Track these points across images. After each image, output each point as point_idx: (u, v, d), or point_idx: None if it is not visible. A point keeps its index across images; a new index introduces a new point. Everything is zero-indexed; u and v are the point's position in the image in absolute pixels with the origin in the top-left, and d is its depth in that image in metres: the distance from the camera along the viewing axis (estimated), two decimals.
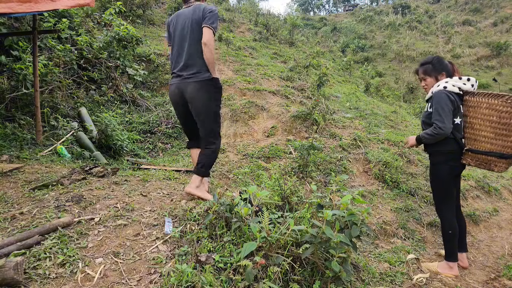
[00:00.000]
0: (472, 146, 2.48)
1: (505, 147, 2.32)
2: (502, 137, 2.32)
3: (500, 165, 2.39)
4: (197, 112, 2.63)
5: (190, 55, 2.58)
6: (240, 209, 1.94)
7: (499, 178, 5.25)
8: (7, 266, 1.53)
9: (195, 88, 2.56)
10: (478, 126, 2.44)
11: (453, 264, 2.61)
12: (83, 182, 2.78)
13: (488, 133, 2.38)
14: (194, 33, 2.56)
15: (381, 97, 12.31)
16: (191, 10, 2.62)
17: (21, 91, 4.35)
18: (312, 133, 4.75)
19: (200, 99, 2.58)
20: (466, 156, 2.53)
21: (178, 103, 2.72)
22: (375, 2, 43.05)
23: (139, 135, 5.10)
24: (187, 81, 2.58)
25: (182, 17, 2.66)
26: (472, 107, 2.49)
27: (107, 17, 6.48)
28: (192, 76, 2.57)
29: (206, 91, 2.58)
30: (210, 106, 2.62)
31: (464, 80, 2.54)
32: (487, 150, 2.40)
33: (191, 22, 2.57)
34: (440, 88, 2.54)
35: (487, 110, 2.38)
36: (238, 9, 17.26)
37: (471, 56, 21.49)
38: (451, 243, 2.60)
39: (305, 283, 1.90)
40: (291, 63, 9.60)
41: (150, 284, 1.69)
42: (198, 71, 2.56)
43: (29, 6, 3.18)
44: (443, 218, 2.62)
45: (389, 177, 4.17)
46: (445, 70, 2.65)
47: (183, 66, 2.61)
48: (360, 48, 24.00)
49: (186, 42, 2.60)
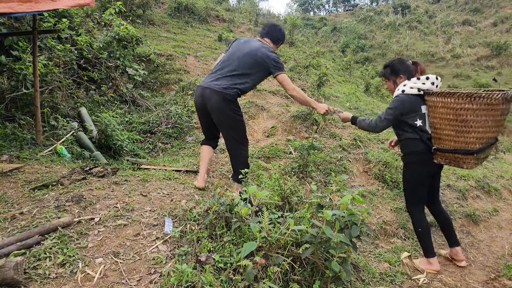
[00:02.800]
0: (439, 145, 2.48)
1: (468, 143, 2.30)
2: (463, 133, 2.31)
3: (468, 162, 2.37)
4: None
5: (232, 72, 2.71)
6: (240, 209, 1.94)
7: (499, 178, 5.25)
8: (7, 266, 1.53)
9: (217, 101, 2.65)
10: (439, 126, 2.44)
11: (432, 259, 2.65)
12: (83, 182, 2.78)
13: (449, 131, 2.37)
14: (247, 61, 2.70)
15: (381, 97, 12.31)
16: (258, 45, 2.78)
17: (21, 91, 4.35)
18: (312, 133, 4.75)
19: (222, 113, 2.69)
20: (437, 156, 2.54)
21: (201, 109, 2.82)
22: (375, 2, 43.04)
23: (139, 135, 5.09)
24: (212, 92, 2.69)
25: (248, 45, 2.80)
26: (430, 107, 2.49)
27: (107, 17, 6.48)
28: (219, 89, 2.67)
29: (229, 107, 2.68)
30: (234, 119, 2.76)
31: (422, 80, 2.51)
32: (452, 148, 2.39)
33: (250, 53, 2.73)
34: (399, 92, 2.56)
35: (443, 109, 2.36)
36: (238, 9, 17.25)
37: (471, 56, 21.50)
38: (424, 240, 2.65)
39: (305, 283, 1.89)
40: (291, 63, 9.60)
41: (150, 284, 1.69)
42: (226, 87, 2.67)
43: (29, 6, 3.17)
44: (413, 216, 2.68)
45: (389, 177, 4.17)
46: (402, 72, 2.64)
47: (217, 78, 2.71)
48: (360, 48, 24.01)
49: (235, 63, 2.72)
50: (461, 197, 4.25)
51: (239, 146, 2.82)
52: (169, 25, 11.14)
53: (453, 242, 2.79)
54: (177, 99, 6.19)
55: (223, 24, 12.72)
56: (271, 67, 2.70)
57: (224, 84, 2.64)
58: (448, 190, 4.31)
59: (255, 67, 2.71)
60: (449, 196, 4.19)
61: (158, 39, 9.29)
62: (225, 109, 2.65)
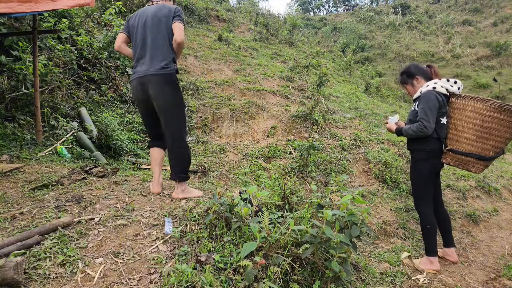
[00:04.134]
0: (454, 146, 2.56)
1: (485, 149, 2.44)
2: (483, 140, 2.43)
3: (477, 166, 2.52)
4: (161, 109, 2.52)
5: (155, 48, 2.50)
6: (240, 209, 1.94)
7: (499, 178, 5.26)
8: (7, 266, 1.53)
9: (158, 82, 2.45)
10: (461, 128, 2.52)
11: (433, 258, 2.67)
12: (83, 182, 2.78)
13: (470, 135, 2.47)
14: (160, 27, 2.51)
15: (381, 97, 12.32)
16: (156, 7, 2.59)
17: (21, 91, 4.35)
18: (312, 133, 4.75)
19: (165, 94, 2.47)
20: (447, 156, 2.61)
21: (141, 99, 2.58)
22: (375, 2, 43.05)
23: (139, 135, 5.09)
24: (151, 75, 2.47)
25: (148, 11, 2.59)
26: (457, 109, 2.56)
27: (107, 17, 6.48)
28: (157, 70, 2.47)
29: (172, 86, 2.49)
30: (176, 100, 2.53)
31: (451, 82, 2.61)
32: (467, 151, 2.50)
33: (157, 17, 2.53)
34: (429, 88, 2.60)
35: (471, 113, 2.46)
36: (238, 9, 17.26)
37: (471, 56, 21.50)
38: (431, 238, 2.66)
39: (305, 283, 1.89)
40: (291, 63, 9.60)
41: (150, 284, 1.69)
42: (164, 66, 2.47)
43: (29, 6, 3.17)
44: (421, 213, 2.69)
45: (389, 177, 4.17)
46: (419, 74, 2.73)
47: (147, 59, 2.50)
48: (360, 48, 24.01)
49: (149, 36, 2.52)
50: (461, 197, 4.26)
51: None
52: None
53: (449, 243, 2.83)
54: None
55: (223, 24, 12.72)
56: (173, 15, 2.52)
57: (158, 65, 2.47)
58: (448, 190, 4.31)
59: (165, 27, 2.52)
60: (449, 196, 4.19)
61: None
62: (168, 90, 2.49)
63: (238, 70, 7.95)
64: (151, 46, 2.51)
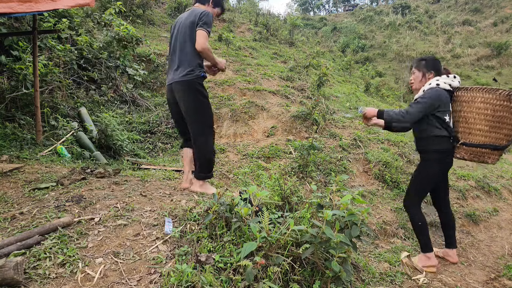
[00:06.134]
0: (466, 139, 2.53)
1: (498, 139, 2.42)
2: (496, 129, 2.41)
3: (493, 157, 2.50)
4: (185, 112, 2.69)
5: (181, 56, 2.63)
6: (240, 209, 1.94)
7: (499, 178, 5.26)
8: (7, 266, 1.53)
9: (181, 89, 2.60)
10: (472, 120, 2.50)
11: (429, 254, 2.67)
12: (83, 182, 2.78)
13: (483, 126, 2.45)
14: (186, 36, 2.60)
15: (381, 97, 12.32)
16: (189, 12, 2.69)
17: (21, 91, 4.35)
18: (312, 133, 4.75)
19: (186, 100, 2.62)
20: (460, 150, 2.58)
21: (170, 103, 2.79)
22: (375, 2, 43.06)
23: (139, 135, 5.09)
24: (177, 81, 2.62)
25: (181, 18, 2.73)
26: (466, 102, 2.53)
27: (107, 17, 6.48)
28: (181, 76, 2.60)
29: (193, 92, 2.61)
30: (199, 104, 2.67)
31: (451, 78, 2.60)
32: (481, 143, 2.47)
33: (184, 25, 2.63)
34: (433, 85, 2.56)
35: (482, 104, 2.44)
36: (238, 9, 17.26)
37: (471, 56, 21.50)
38: (424, 234, 2.66)
39: (305, 283, 1.89)
40: (291, 63, 9.60)
41: (150, 284, 1.69)
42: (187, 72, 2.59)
43: (29, 6, 3.17)
44: (411, 211, 2.68)
45: (389, 177, 4.17)
46: (435, 70, 2.67)
47: (175, 66, 2.65)
48: (360, 48, 24.02)
49: (178, 43, 2.65)
50: (461, 197, 4.26)
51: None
52: (169, 25, 11.14)
53: (452, 244, 2.82)
54: None
55: (223, 24, 12.72)
56: (198, 20, 2.57)
57: (183, 72, 2.59)
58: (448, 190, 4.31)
59: (191, 34, 2.57)
60: (449, 196, 4.19)
61: (158, 39, 9.29)
62: (192, 94, 2.63)
63: (238, 70, 7.95)
64: (179, 53, 2.64)
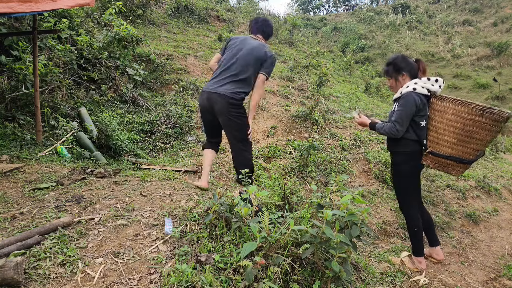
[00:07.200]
0: (434, 149, 2.51)
1: (465, 153, 2.41)
2: (464, 143, 2.39)
3: (457, 169, 2.50)
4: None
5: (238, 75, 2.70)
6: (240, 209, 1.94)
7: (499, 178, 5.26)
8: (7, 266, 1.53)
9: (224, 102, 2.62)
10: (442, 131, 2.46)
11: (420, 258, 2.68)
12: (83, 182, 2.78)
13: (451, 138, 2.42)
14: (249, 64, 2.69)
15: (381, 97, 12.33)
16: (257, 43, 2.78)
17: (21, 91, 4.35)
18: (312, 133, 4.75)
19: (228, 115, 2.66)
20: (427, 158, 2.57)
21: (205, 109, 2.78)
22: (375, 2, 43.07)
23: (139, 135, 5.09)
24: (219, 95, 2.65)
25: (248, 43, 2.79)
26: (438, 111, 2.48)
27: (107, 17, 6.48)
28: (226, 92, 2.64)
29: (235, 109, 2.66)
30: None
31: (432, 81, 2.51)
32: (447, 154, 2.45)
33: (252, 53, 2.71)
34: (410, 89, 2.49)
35: (453, 116, 2.38)
36: (238, 9, 17.26)
37: (471, 56, 21.50)
38: (418, 239, 2.66)
39: (305, 283, 1.89)
40: (291, 63, 9.61)
41: (150, 284, 1.69)
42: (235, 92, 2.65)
43: (29, 6, 3.17)
44: (407, 215, 2.67)
45: (389, 177, 4.17)
46: (406, 70, 2.60)
47: (223, 81, 2.67)
48: (360, 48, 24.01)
49: (236, 64, 2.70)
50: (461, 197, 4.25)
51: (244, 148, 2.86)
52: (169, 25, 11.15)
53: (434, 241, 2.82)
54: (177, 99, 6.20)
55: (223, 24, 12.73)
56: (264, 65, 2.72)
57: (231, 89, 2.65)
58: (448, 190, 4.31)
59: (254, 65, 2.72)
60: (449, 196, 4.19)
61: (158, 39, 9.30)
62: (232, 112, 2.67)
63: None
64: (233, 74, 2.68)
